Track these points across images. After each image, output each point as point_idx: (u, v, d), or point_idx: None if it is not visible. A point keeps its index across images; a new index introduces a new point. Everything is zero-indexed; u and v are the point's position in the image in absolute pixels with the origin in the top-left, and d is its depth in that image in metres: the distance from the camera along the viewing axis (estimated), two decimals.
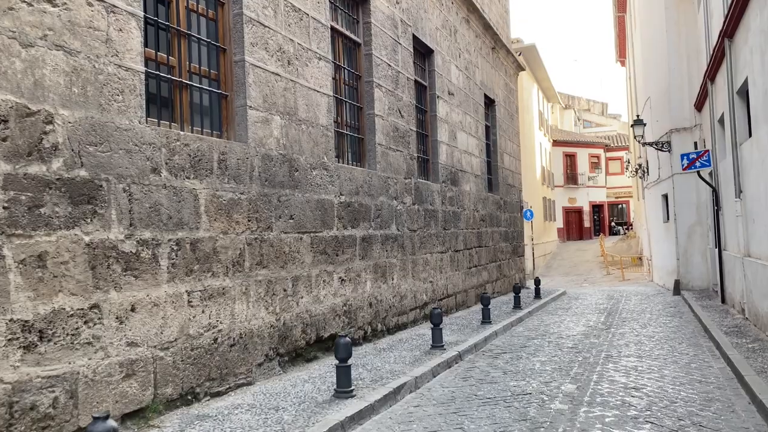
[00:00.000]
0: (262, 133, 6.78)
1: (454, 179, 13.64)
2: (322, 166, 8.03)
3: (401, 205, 10.61)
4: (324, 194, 8.03)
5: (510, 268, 18.45)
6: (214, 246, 5.95)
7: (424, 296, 11.49)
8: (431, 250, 11.98)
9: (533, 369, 7.75)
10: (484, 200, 16.01)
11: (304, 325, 7.45)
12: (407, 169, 10.97)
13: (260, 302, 6.61)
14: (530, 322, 12.29)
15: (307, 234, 7.57)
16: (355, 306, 8.75)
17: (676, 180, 17.17)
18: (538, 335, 10.49)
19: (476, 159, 15.53)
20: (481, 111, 16.25)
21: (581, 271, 30.70)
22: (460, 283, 13.65)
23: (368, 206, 9.33)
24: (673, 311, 13.29)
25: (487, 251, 16.04)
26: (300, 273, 7.38)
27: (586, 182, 45.35)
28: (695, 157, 13.19)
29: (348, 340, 5.84)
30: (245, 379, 6.34)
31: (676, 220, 17.25)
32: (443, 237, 12.72)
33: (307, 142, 7.71)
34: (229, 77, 6.60)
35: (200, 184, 5.82)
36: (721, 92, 11.94)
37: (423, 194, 11.71)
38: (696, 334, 10.16)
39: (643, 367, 7.62)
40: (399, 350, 8.59)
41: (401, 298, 10.40)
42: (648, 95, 21.30)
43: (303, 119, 7.63)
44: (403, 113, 10.85)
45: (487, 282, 15.93)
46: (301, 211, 7.47)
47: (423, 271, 11.48)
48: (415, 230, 11.21)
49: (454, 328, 10.69)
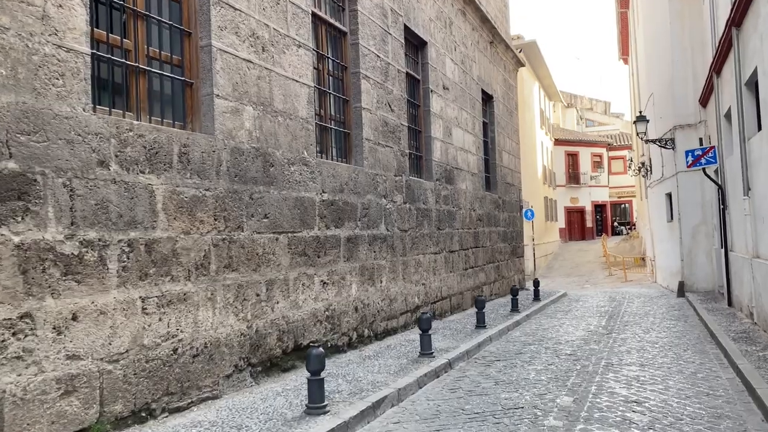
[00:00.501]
0: (231, 124, 6.25)
1: (449, 177, 13.10)
2: (302, 161, 7.50)
3: (391, 204, 10.08)
4: (304, 191, 7.50)
5: (509, 269, 17.90)
6: (173, 247, 5.42)
7: (416, 299, 10.96)
8: (424, 251, 11.44)
9: (528, 379, 7.21)
10: (482, 199, 15.47)
11: (281, 333, 6.91)
12: (398, 166, 10.44)
13: (229, 308, 6.08)
14: (528, 326, 11.74)
15: (284, 234, 7.04)
16: (339, 311, 8.22)
17: (680, 178, 16.60)
18: (535, 341, 9.94)
19: (473, 156, 14.98)
20: (478, 107, 15.71)
21: (583, 272, 30.13)
22: (455, 285, 13.11)
23: (354, 205, 8.79)
24: (678, 314, 12.73)
25: (485, 252, 15.49)
26: (276, 276, 6.85)
27: (589, 182, 44.74)
28: (700, 154, 12.63)
29: (321, 350, 5.31)
30: (211, 392, 5.81)
31: (681, 220, 16.68)
32: (437, 237, 12.18)
33: (285, 135, 7.18)
34: (195, 63, 6.07)
35: (157, 179, 5.29)
36: (727, 85, 11.38)
37: (415, 192, 11.17)
38: (702, 339, 9.60)
39: (645, 377, 7.07)
40: (385, 358, 8.05)
41: (391, 302, 9.87)
42: (651, 91, 20.73)
43: (280, 110, 7.10)
44: (393, 107, 10.32)
45: (485, 284, 15.38)
46: (277, 210, 6.94)
47: (415, 272, 10.94)
48: (407, 230, 10.68)
49: (446, 333, 10.15)
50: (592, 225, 45.35)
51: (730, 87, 11.05)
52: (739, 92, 10.01)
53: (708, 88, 13.73)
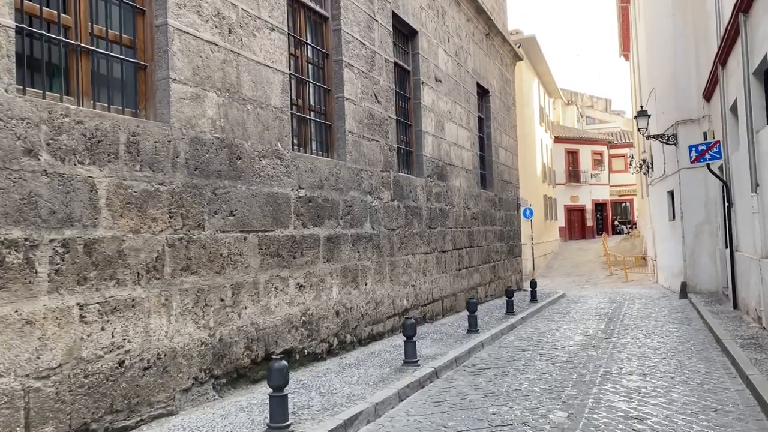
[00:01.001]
0: (190, 111, 5.67)
1: (441, 174, 12.52)
2: (275, 154, 6.92)
3: (377, 201, 9.50)
4: (277, 187, 6.92)
5: (505, 270, 17.32)
6: (119, 248, 4.84)
7: (405, 302, 10.38)
8: (414, 251, 10.86)
9: (519, 390, 6.63)
10: (477, 197, 14.89)
11: (249, 341, 6.34)
12: (385, 161, 9.86)
13: (187, 315, 5.50)
14: (523, 329, 11.16)
15: (253, 233, 6.46)
16: (318, 315, 7.64)
17: (683, 175, 16.01)
18: (529, 346, 9.37)
19: (467, 152, 14.40)
20: (473, 101, 15.13)
21: (583, 272, 29.53)
22: (447, 286, 12.53)
23: (336, 202, 8.22)
24: (681, 317, 12.14)
25: (480, 251, 14.91)
26: (243, 279, 6.27)
27: (589, 180, 44.10)
28: (704, 149, 12.04)
29: (283, 364, 4.73)
30: (165, 408, 5.23)
31: (683, 219, 16.09)
32: (428, 236, 11.60)
33: (255, 125, 6.60)
34: (149, 44, 5.49)
35: (100, 171, 4.72)
36: (734, 76, 10.79)
37: (404, 189, 10.59)
38: (707, 345, 9.02)
39: (647, 389, 6.49)
40: (367, 366, 7.47)
41: (376, 305, 9.29)
42: (652, 86, 20.13)
43: (249, 98, 6.52)
44: (379, 98, 9.74)
45: (480, 285, 14.80)
46: (245, 207, 6.36)
47: (404, 274, 10.36)
48: (395, 229, 10.10)
49: (436, 338, 9.57)
50: (592, 224, 44.72)
51: (736, 77, 10.46)
52: (746, 82, 9.41)
53: (712, 80, 13.13)
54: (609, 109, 58.90)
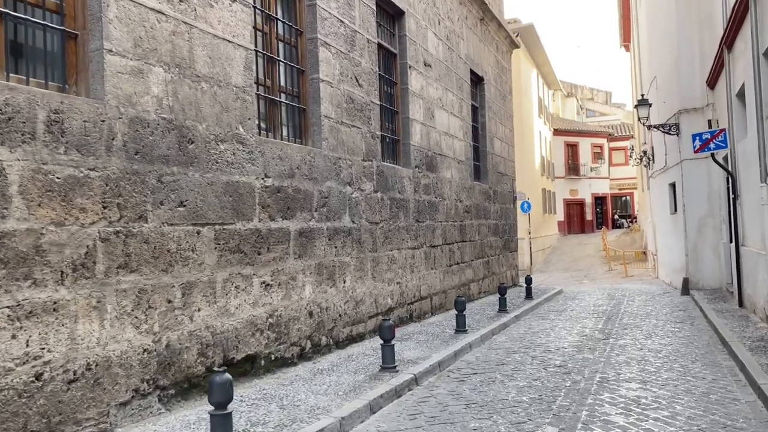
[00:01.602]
0: (131, 88, 5.00)
1: (430, 164, 11.84)
2: (236, 138, 6.25)
3: (358, 193, 8.83)
4: (239, 175, 6.25)
5: (500, 265, 16.66)
6: (37, 243, 4.18)
7: (389, 300, 9.72)
8: (399, 246, 10.20)
9: (506, 400, 5.99)
10: (470, 189, 14.22)
11: (203, 346, 5.68)
12: (367, 149, 9.18)
13: (125, 319, 4.84)
14: (515, 329, 10.51)
15: (209, 226, 5.80)
16: (288, 317, 6.99)
17: (685, 166, 15.34)
18: (521, 348, 8.72)
19: (460, 142, 13.72)
20: (466, 89, 14.43)
21: (582, 267, 28.89)
22: (437, 283, 11.87)
23: (309, 192, 7.55)
24: (683, 316, 11.49)
25: (473, 246, 14.25)
26: (196, 278, 5.61)
27: (589, 173, 43.40)
28: (709, 138, 11.36)
29: (226, 377, 4.07)
30: (96, 426, 4.58)
31: (685, 212, 15.43)
32: (416, 231, 10.93)
33: (211, 106, 5.92)
34: (80, 11, 4.81)
35: (10, 153, 4.05)
36: (741, 59, 10.10)
37: (389, 180, 9.92)
38: (712, 347, 8.37)
39: (647, 399, 5.84)
40: (340, 372, 6.82)
41: (356, 305, 8.64)
42: (654, 75, 19.43)
43: (204, 76, 5.85)
44: (361, 82, 9.05)
45: (472, 281, 14.15)
46: (199, 197, 5.70)
47: (388, 270, 9.71)
48: (378, 223, 9.43)
49: (421, 339, 8.92)
50: (592, 218, 44.04)
51: (744, 60, 9.78)
52: (756, 64, 8.73)
53: (717, 65, 12.44)
54: (609, 101, 58.11)
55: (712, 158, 11.80)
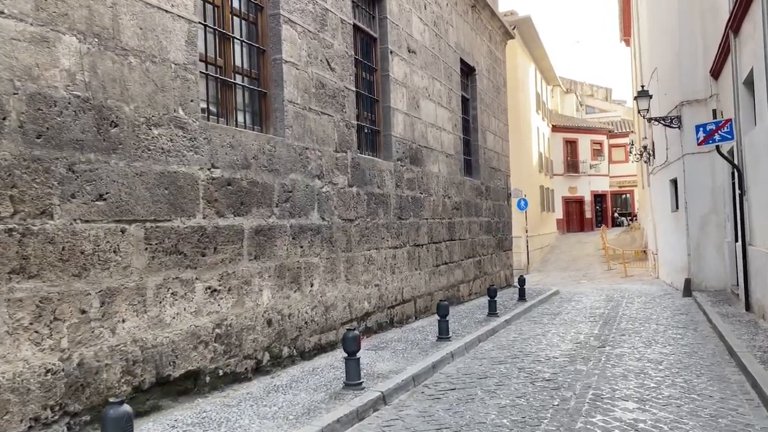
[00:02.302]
0: (31, 59, 4.20)
1: (415, 157, 11.04)
2: (175, 122, 5.45)
3: (329, 187, 8.03)
4: (178, 165, 5.45)
5: (493, 265, 15.87)
6: None
7: (366, 304, 8.93)
8: (379, 245, 9.40)
9: (483, 423, 5.20)
10: (459, 185, 13.42)
11: (129, 363, 4.89)
12: (340, 139, 8.38)
13: (20, 334, 4.05)
14: (505, 335, 9.71)
15: (137, 224, 5.00)
16: (240, 326, 6.19)
17: (688, 161, 14.53)
18: (508, 357, 7.93)
19: (448, 135, 12.91)
20: (456, 79, 13.62)
21: (580, 266, 28.09)
22: (422, 284, 11.08)
23: (269, 186, 6.75)
24: (685, 320, 10.69)
25: (463, 245, 13.45)
26: (120, 284, 4.82)
27: (588, 170, 42.52)
28: (714, 129, 10.55)
29: (123, 410, 3.29)
30: None
31: (687, 209, 14.62)
32: (398, 229, 10.14)
33: (142, 84, 5.12)
34: None
35: None
36: (749, 42, 9.30)
37: (366, 174, 9.12)
38: (719, 358, 7.57)
39: (646, 424, 5.05)
40: (298, 390, 6.02)
41: (326, 310, 7.84)
42: (654, 67, 18.61)
43: (133, 49, 5.04)
44: (333, 65, 8.25)
45: (462, 282, 13.35)
46: (124, 189, 4.90)
47: (365, 272, 8.91)
48: (353, 220, 8.64)
49: (398, 348, 8.13)
50: (591, 216, 43.20)
51: (752, 44, 8.98)
52: (767, 46, 7.93)
53: (722, 52, 11.63)
54: (609, 98, 57.26)
55: (717, 151, 11.00)
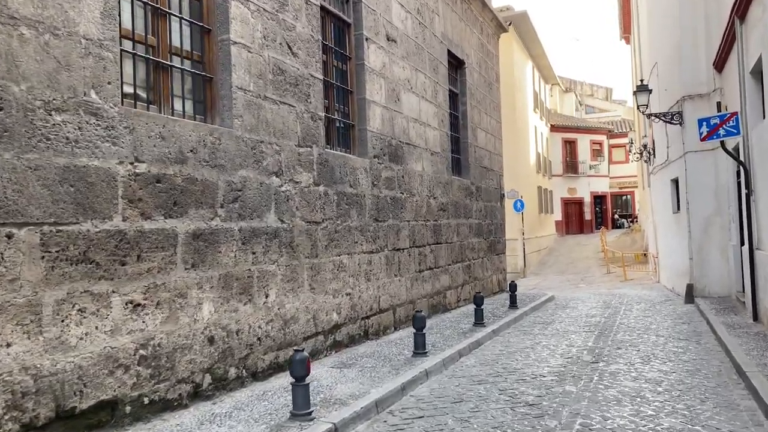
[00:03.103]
0: None
1: (395, 154, 10.21)
2: (86, 108, 4.62)
3: (290, 186, 7.20)
4: (88, 158, 4.62)
5: (484, 269, 15.02)
6: None
7: (335, 316, 8.09)
8: (351, 250, 8.57)
9: None
10: (446, 185, 12.59)
11: (17, 396, 4.05)
12: (304, 133, 7.55)
13: None
14: (490, 348, 8.87)
15: (30, 227, 4.17)
16: (172, 346, 5.35)
17: (690, 160, 13.69)
18: (490, 375, 7.09)
19: (434, 132, 12.08)
20: (443, 72, 12.80)
21: (579, 269, 27.22)
22: (402, 292, 10.24)
23: (211, 183, 5.92)
24: (687, 331, 9.84)
25: (450, 249, 12.61)
26: (4, 300, 3.98)
27: (588, 171, 41.62)
28: (718, 123, 9.71)
29: None
30: None
31: (689, 210, 13.77)
32: (374, 232, 9.31)
33: (38, 60, 4.29)
34: None
35: None
36: (757, 27, 8.46)
37: (336, 171, 8.30)
38: (725, 378, 6.72)
39: None
40: (238, 419, 5.18)
41: (285, 324, 7.00)
42: (655, 62, 17.78)
43: (26, 18, 4.22)
44: (295, 50, 7.42)
45: (449, 288, 12.51)
46: (10, 185, 4.06)
47: (333, 279, 8.07)
48: (319, 222, 7.81)
49: (367, 366, 7.29)
50: (591, 218, 42.30)
51: (761, 28, 8.15)
52: None
53: (727, 41, 10.79)
54: (610, 98, 56.39)
55: (721, 147, 10.15)
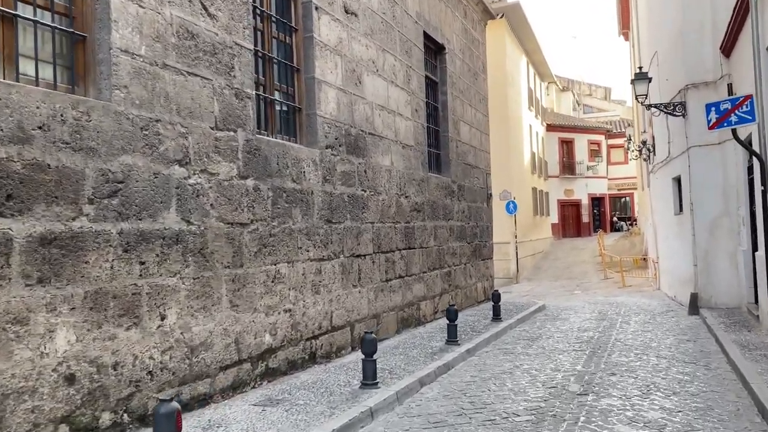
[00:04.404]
0: None
1: (355, 145, 8.81)
2: None
3: (201, 177, 5.79)
4: None
5: (467, 276, 13.61)
6: None
7: (267, 338, 6.67)
8: (293, 257, 7.16)
9: None
10: (421, 182, 11.18)
11: None
12: (224, 113, 6.15)
13: None
14: (460, 373, 7.45)
15: None
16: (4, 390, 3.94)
17: (694, 155, 12.30)
18: (451, 414, 5.67)
19: (406, 122, 10.68)
20: (418, 56, 11.40)
21: (575, 274, 25.80)
22: (363, 305, 8.82)
23: (72, 172, 4.51)
24: (694, 351, 8.42)
25: (425, 254, 11.20)
26: None
27: (585, 172, 40.17)
28: (730, 108, 8.31)
29: None
30: None
31: (693, 211, 12.37)
32: (326, 235, 7.90)
33: None
34: None
35: None
36: None
37: (272, 162, 6.89)
38: (746, 422, 5.28)
39: None
40: None
41: (192, 351, 5.58)
42: (654, 51, 16.39)
43: None
44: (213, 11, 6.02)
45: (424, 299, 11.09)
46: None
47: (266, 294, 6.66)
48: (246, 224, 6.40)
49: (298, 402, 5.86)
50: (588, 220, 40.85)
51: None
52: None
53: (739, 15, 9.39)
54: (609, 97, 55.01)
55: (733, 136, 8.74)
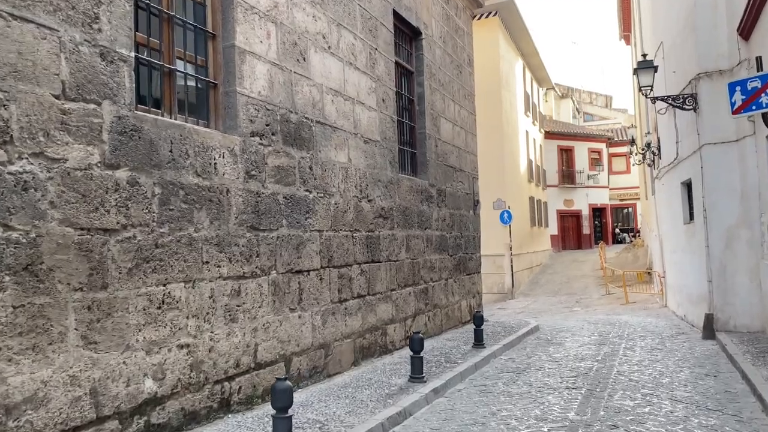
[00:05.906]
0: None
1: (296, 135, 7.14)
2: None
3: (34, 164, 4.11)
4: None
5: (449, 293, 11.88)
6: None
7: (149, 384, 4.95)
8: (193, 275, 5.46)
9: None
10: (389, 184, 9.50)
11: None
12: (78, 77, 4.49)
13: None
14: (419, 423, 5.70)
15: None
16: None
17: (707, 154, 10.60)
18: None
19: (369, 112, 9.02)
20: (386, 37, 9.76)
21: (574, 289, 24.03)
22: (305, 333, 7.10)
23: None
24: (716, 391, 6.66)
25: (394, 269, 9.49)
26: None
27: (585, 181, 38.46)
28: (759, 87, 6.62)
29: None
30: None
31: (707, 219, 10.65)
32: (250, 246, 6.21)
33: None
34: None
35: None
36: None
37: (162, 149, 5.22)
38: None
39: None
40: None
41: (8, 412, 3.87)
42: (660, 41, 14.74)
43: None
44: None
45: (391, 322, 9.36)
46: None
47: (148, 324, 4.95)
48: (114, 230, 4.71)
49: None
50: (589, 232, 39.07)
51: None
52: None
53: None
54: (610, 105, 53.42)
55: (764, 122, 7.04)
